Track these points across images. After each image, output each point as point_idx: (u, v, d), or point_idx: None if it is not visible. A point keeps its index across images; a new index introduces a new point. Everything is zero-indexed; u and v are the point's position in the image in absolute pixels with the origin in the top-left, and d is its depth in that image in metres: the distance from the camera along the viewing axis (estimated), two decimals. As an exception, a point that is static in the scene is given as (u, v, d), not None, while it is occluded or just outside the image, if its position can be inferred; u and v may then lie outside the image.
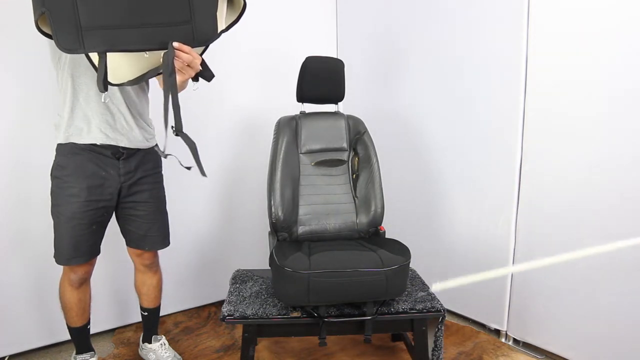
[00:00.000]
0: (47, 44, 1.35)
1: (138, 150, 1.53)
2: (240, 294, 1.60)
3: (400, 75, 2.31)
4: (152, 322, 1.80)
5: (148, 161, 1.58)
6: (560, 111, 1.70)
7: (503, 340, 1.99)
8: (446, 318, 1.58)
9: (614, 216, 1.58)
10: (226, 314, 1.46)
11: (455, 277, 2.15)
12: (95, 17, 1.05)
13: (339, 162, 1.86)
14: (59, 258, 1.48)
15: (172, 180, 2.04)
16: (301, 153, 1.84)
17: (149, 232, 1.62)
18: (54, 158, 1.47)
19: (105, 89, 1.15)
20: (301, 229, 1.78)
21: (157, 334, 1.82)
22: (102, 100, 1.33)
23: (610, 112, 1.56)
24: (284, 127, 1.80)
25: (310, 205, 1.80)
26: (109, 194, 1.49)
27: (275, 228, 1.71)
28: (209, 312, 2.27)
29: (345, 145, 1.86)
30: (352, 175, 1.86)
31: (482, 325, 2.10)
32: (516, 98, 1.81)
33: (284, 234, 1.73)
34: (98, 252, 1.56)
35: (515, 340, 1.96)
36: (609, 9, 1.54)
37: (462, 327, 2.11)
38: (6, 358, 1.80)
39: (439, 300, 1.54)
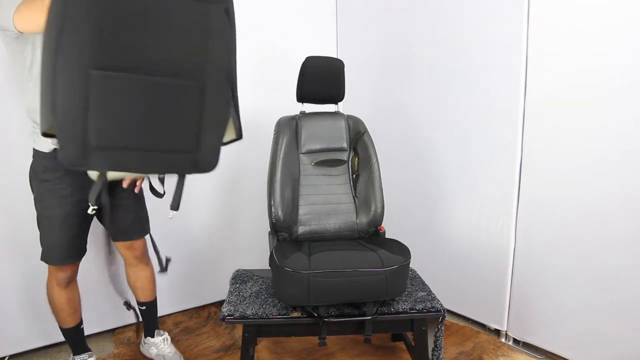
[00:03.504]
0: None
1: None
2: (240, 294, 1.60)
3: (400, 74, 2.31)
4: (151, 316, 1.81)
5: None
6: (561, 111, 1.70)
7: (503, 340, 1.99)
8: (446, 318, 1.58)
9: (614, 216, 1.58)
10: (226, 314, 1.46)
11: (455, 277, 2.15)
12: (104, 137, 0.98)
13: (339, 162, 1.86)
14: (51, 259, 1.49)
15: (172, 181, 2.04)
16: (301, 153, 1.84)
17: (135, 221, 1.62)
18: (34, 163, 1.45)
19: (97, 204, 1.10)
20: (301, 229, 1.78)
21: (158, 328, 1.84)
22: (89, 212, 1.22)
23: (611, 110, 1.56)
24: (284, 127, 1.80)
25: (310, 205, 1.80)
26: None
27: (275, 228, 1.71)
28: (209, 312, 2.27)
29: (345, 145, 1.86)
30: (352, 175, 1.86)
31: (482, 325, 2.10)
32: (516, 97, 1.81)
33: (284, 234, 1.73)
34: (86, 250, 1.57)
35: (515, 340, 1.96)
36: (608, 5, 1.54)
37: (462, 327, 2.11)
38: (6, 358, 1.80)
39: (439, 300, 1.54)
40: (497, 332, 2.02)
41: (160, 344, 1.81)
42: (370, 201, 1.79)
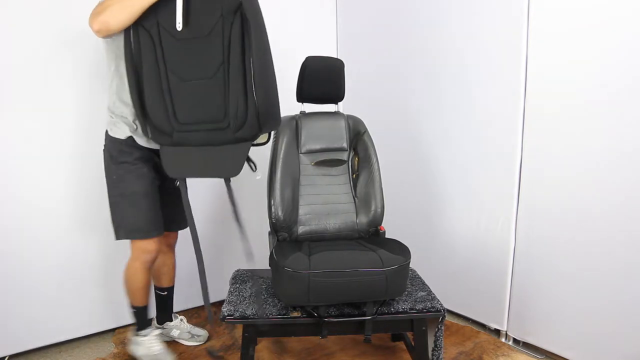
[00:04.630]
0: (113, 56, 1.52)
1: None
2: (240, 294, 1.60)
3: (400, 74, 2.31)
4: (171, 300, 1.92)
5: None
6: (561, 111, 1.70)
7: (503, 340, 1.99)
8: (446, 318, 1.58)
9: (614, 216, 1.58)
10: (226, 314, 1.46)
11: (455, 277, 2.15)
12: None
13: (339, 162, 1.86)
14: (137, 233, 1.60)
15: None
16: (301, 153, 1.84)
17: (179, 214, 1.71)
18: (110, 149, 1.59)
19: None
20: (301, 229, 1.78)
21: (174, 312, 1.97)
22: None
23: (610, 111, 1.56)
24: (284, 127, 1.80)
25: (310, 205, 1.80)
26: (160, 177, 1.65)
27: (275, 228, 1.71)
28: (208, 312, 2.27)
29: (345, 145, 1.86)
30: (352, 175, 1.86)
31: (482, 325, 2.10)
32: (516, 98, 1.81)
33: (284, 234, 1.73)
34: (163, 228, 1.68)
35: (515, 340, 1.96)
36: (608, 7, 1.54)
37: (462, 327, 2.11)
38: (6, 358, 1.80)
39: (439, 300, 1.54)
40: (497, 332, 2.02)
41: (180, 324, 1.94)
42: (370, 201, 1.79)
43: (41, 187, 1.81)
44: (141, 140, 1.58)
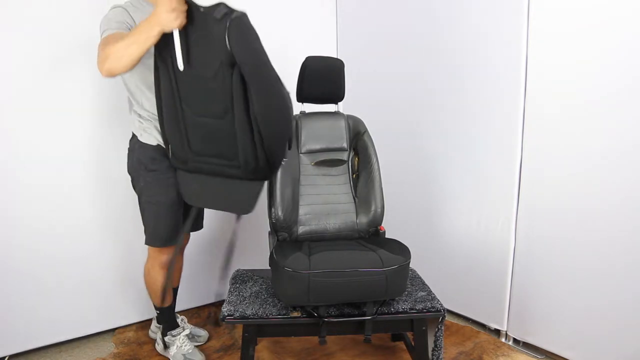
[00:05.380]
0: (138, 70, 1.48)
1: None
2: (240, 294, 1.60)
3: (400, 75, 2.31)
4: (174, 301, 1.90)
5: None
6: (561, 111, 1.70)
7: (503, 340, 1.99)
8: (446, 318, 1.58)
9: (614, 216, 1.58)
10: (226, 314, 1.46)
11: (455, 277, 2.15)
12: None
13: (339, 162, 1.86)
14: (157, 241, 1.65)
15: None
16: (301, 153, 1.84)
17: (199, 217, 1.86)
18: (140, 155, 1.60)
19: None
20: (301, 229, 1.78)
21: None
22: None
23: (610, 111, 1.56)
24: (284, 127, 1.80)
25: (310, 205, 1.80)
26: None
27: (275, 228, 1.71)
28: (209, 312, 2.27)
29: (345, 145, 1.86)
30: (352, 175, 1.86)
31: (482, 325, 2.10)
32: (516, 98, 1.81)
33: (284, 234, 1.73)
34: (182, 236, 1.73)
35: (515, 340, 1.96)
36: (608, 7, 1.54)
37: (462, 327, 2.11)
38: (6, 358, 1.80)
39: (439, 300, 1.54)
40: (497, 332, 2.02)
41: (181, 324, 1.93)
42: (370, 201, 1.79)
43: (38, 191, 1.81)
44: None
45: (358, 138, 1.85)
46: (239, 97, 1.29)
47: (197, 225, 1.88)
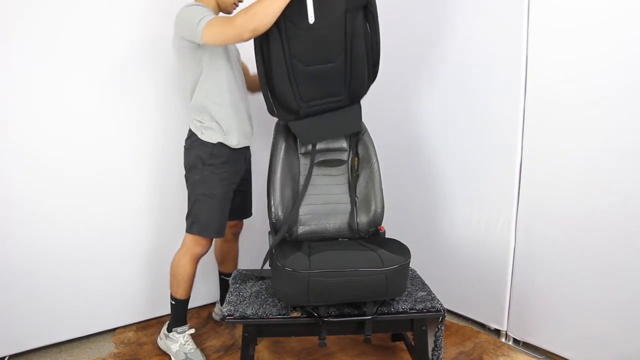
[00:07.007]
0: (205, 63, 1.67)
1: None
2: (240, 294, 1.60)
3: (400, 75, 2.30)
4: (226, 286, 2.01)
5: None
6: (561, 111, 1.70)
7: (503, 340, 1.99)
8: (446, 318, 1.58)
9: (614, 216, 1.58)
10: (226, 314, 1.46)
11: (455, 277, 2.15)
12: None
13: (339, 162, 1.86)
14: (209, 232, 1.75)
15: (172, 181, 2.05)
16: (301, 153, 1.83)
17: (248, 203, 2.02)
18: (199, 152, 1.72)
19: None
20: (301, 229, 1.78)
21: None
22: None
23: (610, 111, 1.56)
24: (284, 127, 1.80)
25: (310, 205, 1.80)
26: (239, 177, 1.85)
27: (275, 228, 1.71)
28: (209, 312, 2.27)
29: (345, 145, 1.86)
30: (352, 175, 1.86)
31: (482, 325, 2.10)
32: (516, 97, 1.81)
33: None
34: None
35: (515, 340, 1.96)
36: (608, 7, 1.54)
37: (462, 327, 2.11)
38: (6, 358, 1.80)
39: (439, 300, 1.54)
40: (497, 332, 2.02)
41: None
42: (371, 201, 1.79)
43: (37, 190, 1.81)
44: (233, 142, 1.74)
45: (358, 138, 1.85)
46: (359, 34, 1.61)
47: (246, 212, 2.04)
